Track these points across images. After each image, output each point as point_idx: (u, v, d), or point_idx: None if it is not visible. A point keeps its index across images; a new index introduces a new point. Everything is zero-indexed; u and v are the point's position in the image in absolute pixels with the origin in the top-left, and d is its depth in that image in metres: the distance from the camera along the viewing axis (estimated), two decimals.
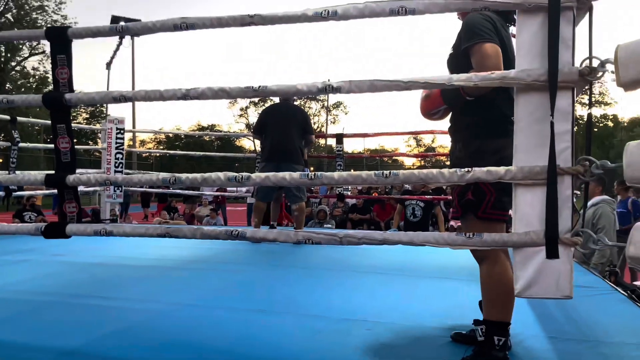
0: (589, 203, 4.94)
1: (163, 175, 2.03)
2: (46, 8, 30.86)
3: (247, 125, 48.20)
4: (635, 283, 4.71)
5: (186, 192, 10.34)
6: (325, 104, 46.71)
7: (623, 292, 3.22)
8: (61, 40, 2.16)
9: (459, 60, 2.06)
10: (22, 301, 2.87)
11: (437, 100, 2.11)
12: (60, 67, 2.16)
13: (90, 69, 45.95)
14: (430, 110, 2.18)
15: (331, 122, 48.02)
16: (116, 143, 6.96)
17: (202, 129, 46.10)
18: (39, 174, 2.31)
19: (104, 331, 2.35)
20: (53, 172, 2.23)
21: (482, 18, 2.00)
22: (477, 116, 2.05)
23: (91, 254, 4.42)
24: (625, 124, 42.34)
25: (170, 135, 44.29)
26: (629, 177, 1.58)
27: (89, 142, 30.08)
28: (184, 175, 2.01)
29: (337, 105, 49.13)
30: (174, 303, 2.87)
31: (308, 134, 5.55)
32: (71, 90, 2.19)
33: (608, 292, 3.23)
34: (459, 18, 2.24)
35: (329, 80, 1.89)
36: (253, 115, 48.76)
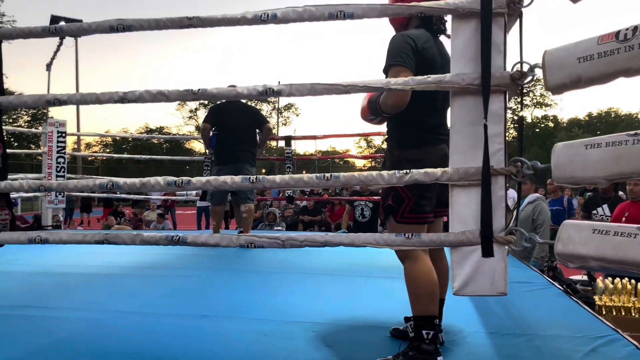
0: (526, 201, 5.15)
1: (100, 180, 1.97)
2: None
3: (197, 127, 47.45)
4: (570, 277, 4.93)
5: (134, 196, 10.10)
6: (277, 106, 46.62)
7: (559, 287, 3.36)
8: None
9: (386, 76, 2.13)
10: None
11: (367, 110, 2.24)
12: None
13: (31, 72, 44.13)
14: (365, 117, 2.30)
15: (282, 124, 48.01)
16: (57, 147, 6.70)
17: (150, 131, 44.97)
18: None
19: (41, 342, 2.27)
20: None
21: (403, 41, 2.06)
22: (401, 127, 2.17)
23: (27, 263, 4.24)
24: (565, 125, 44.19)
25: (117, 138, 43.15)
26: (556, 177, 1.66)
27: (31, 145, 28.85)
28: (121, 180, 1.96)
29: (289, 107, 49.16)
30: (116, 311, 2.79)
31: (263, 124, 5.41)
32: (2, 92, 2.10)
33: (545, 287, 3.37)
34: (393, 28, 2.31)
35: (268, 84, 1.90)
36: (203, 117, 48.06)
